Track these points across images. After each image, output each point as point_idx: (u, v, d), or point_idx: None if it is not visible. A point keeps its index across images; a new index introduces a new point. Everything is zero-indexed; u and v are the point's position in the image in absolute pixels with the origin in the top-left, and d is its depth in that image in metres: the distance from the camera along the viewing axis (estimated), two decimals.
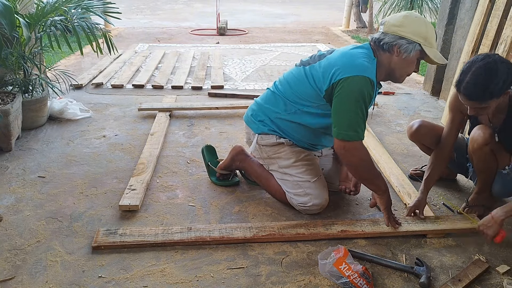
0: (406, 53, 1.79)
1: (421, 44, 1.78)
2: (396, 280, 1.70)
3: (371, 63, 1.83)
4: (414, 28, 1.78)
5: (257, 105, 2.17)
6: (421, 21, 1.79)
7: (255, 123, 2.15)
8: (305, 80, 1.95)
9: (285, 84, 2.06)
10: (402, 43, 1.78)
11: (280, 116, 2.06)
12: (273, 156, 2.14)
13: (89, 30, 2.99)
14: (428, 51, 1.79)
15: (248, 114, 2.21)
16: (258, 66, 5.07)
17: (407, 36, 1.78)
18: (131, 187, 2.25)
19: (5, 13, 2.49)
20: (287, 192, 2.11)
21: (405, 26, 1.78)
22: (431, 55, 1.79)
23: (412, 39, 1.78)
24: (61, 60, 5.02)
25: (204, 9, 10.14)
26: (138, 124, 3.22)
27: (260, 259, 1.80)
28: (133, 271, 1.71)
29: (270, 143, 2.11)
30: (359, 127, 1.81)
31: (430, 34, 1.79)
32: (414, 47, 1.78)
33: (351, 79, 1.78)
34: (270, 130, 2.10)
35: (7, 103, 2.70)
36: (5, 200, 2.18)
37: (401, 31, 1.78)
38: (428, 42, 1.79)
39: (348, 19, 8.05)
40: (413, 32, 1.77)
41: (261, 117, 2.13)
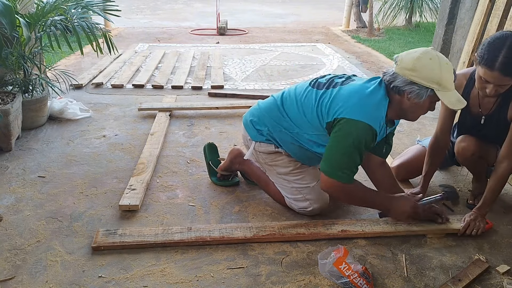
0: (417, 99, 1.69)
1: (434, 90, 1.66)
2: (396, 280, 1.70)
3: (380, 111, 1.76)
4: (427, 73, 1.65)
5: (258, 112, 2.10)
6: (436, 64, 1.64)
7: (253, 130, 2.10)
8: (313, 105, 1.87)
9: (292, 102, 1.96)
10: (413, 89, 1.68)
11: (280, 132, 2.01)
12: (270, 163, 2.12)
13: (89, 30, 2.99)
14: (442, 96, 1.67)
15: (248, 119, 2.15)
16: (258, 66, 5.07)
17: (419, 82, 1.66)
18: (131, 187, 2.25)
19: (5, 12, 2.49)
20: (287, 198, 2.11)
21: (417, 71, 1.65)
22: (445, 101, 1.67)
23: (424, 85, 1.66)
24: (61, 60, 5.02)
25: (204, 9, 10.14)
26: (138, 124, 3.22)
27: (260, 259, 1.80)
28: (133, 271, 1.71)
29: (267, 151, 2.08)
30: (350, 169, 1.78)
31: (445, 77, 1.65)
32: (426, 93, 1.67)
33: (353, 122, 1.72)
34: (268, 140, 2.07)
35: (7, 103, 2.70)
36: (5, 200, 2.18)
37: (412, 76, 1.66)
38: (442, 86, 1.66)
39: (348, 19, 8.05)
40: (425, 78, 1.65)
41: (261, 127, 2.07)
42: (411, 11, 7.73)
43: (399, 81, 1.70)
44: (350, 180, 1.80)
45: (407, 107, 1.76)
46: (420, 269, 1.76)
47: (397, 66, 1.72)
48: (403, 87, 1.70)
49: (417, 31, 7.60)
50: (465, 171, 2.47)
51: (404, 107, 1.77)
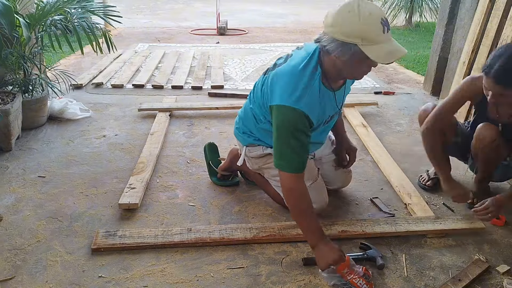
0: (344, 56, 1.54)
1: (357, 45, 1.49)
2: (396, 280, 1.70)
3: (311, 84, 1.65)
4: (345, 27, 1.49)
5: (239, 118, 2.12)
6: (355, 17, 1.47)
7: (240, 135, 2.11)
8: (259, 92, 1.84)
9: (252, 96, 1.97)
10: (336, 47, 1.52)
11: (257, 127, 1.99)
12: (263, 166, 2.10)
13: (90, 30, 2.99)
14: (367, 50, 1.48)
15: (234, 128, 2.16)
16: (258, 66, 5.07)
17: (340, 38, 1.50)
18: (130, 185, 2.25)
19: (5, 13, 2.49)
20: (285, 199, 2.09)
21: (336, 26, 1.50)
22: (371, 55, 1.49)
23: (345, 41, 1.50)
24: (61, 60, 5.02)
25: (204, 9, 10.14)
26: (138, 124, 3.22)
27: (260, 259, 1.80)
28: (133, 271, 1.71)
29: (257, 155, 2.07)
30: (290, 158, 1.67)
31: (368, 29, 1.47)
32: (349, 49, 1.51)
33: (279, 108, 1.65)
34: (256, 140, 2.05)
35: (7, 103, 2.70)
36: (5, 200, 2.18)
37: (334, 32, 1.51)
38: (367, 39, 1.48)
39: None
40: (345, 33, 1.49)
41: (244, 129, 2.08)
42: (411, 11, 7.73)
43: (325, 40, 1.56)
44: (298, 168, 1.68)
45: (340, 66, 1.61)
46: (420, 269, 1.76)
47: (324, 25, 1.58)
48: (327, 46, 1.55)
49: (417, 31, 7.60)
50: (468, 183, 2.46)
51: (337, 67, 1.62)
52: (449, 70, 3.69)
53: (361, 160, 2.69)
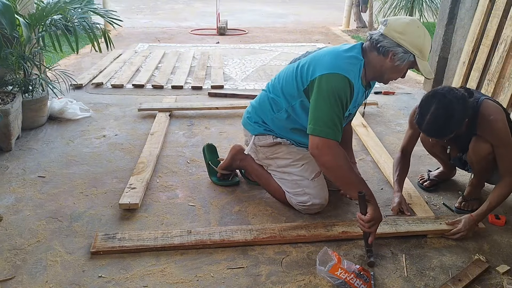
0: (400, 61, 1.77)
1: (415, 56, 1.76)
2: (396, 280, 1.70)
3: (354, 65, 1.82)
4: (413, 38, 1.75)
5: (252, 107, 2.19)
6: (421, 32, 1.76)
7: (251, 125, 2.16)
8: (292, 75, 1.94)
9: (275, 81, 2.07)
10: (398, 51, 1.76)
11: (272, 117, 2.07)
12: (270, 156, 2.13)
13: (90, 30, 2.99)
14: (420, 63, 1.78)
15: (244, 117, 2.23)
16: (258, 66, 5.07)
17: (404, 45, 1.74)
18: (131, 185, 2.24)
19: (5, 12, 2.49)
20: (286, 192, 2.11)
21: (405, 35, 1.74)
22: (421, 68, 1.78)
23: (409, 49, 1.75)
24: (61, 60, 5.02)
25: (204, 9, 10.14)
26: (138, 124, 3.22)
27: (260, 259, 1.80)
28: (133, 271, 1.71)
29: (267, 143, 2.11)
30: (335, 125, 1.78)
31: (426, 47, 1.78)
32: (408, 57, 1.76)
33: (326, 76, 1.78)
34: (266, 130, 2.11)
35: (7, 103, 2.70)
36: (5, 200, 2.18)
37: (400, 39, 1.74)
38: (422, 54, 1.77)
39: (348, 19, 8.05)
40: (411, 43, 1.74)
41: (256, 119, 2.14)
42: (411, 11, 7.72)
43: (387, 41, 1.76)
44: (336, 136, 1.79)
45: (387, 68, 1.82)
46: (420, 269, 1.76)
47: (385, 28, 1.77)
48: (390, 48, 1.76)
49: None
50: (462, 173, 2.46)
51: (384, 68, 1.82)
52: (449, 70, 3.69)
53: (361, 160, 2.69)
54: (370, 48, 1.83)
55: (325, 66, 1.80)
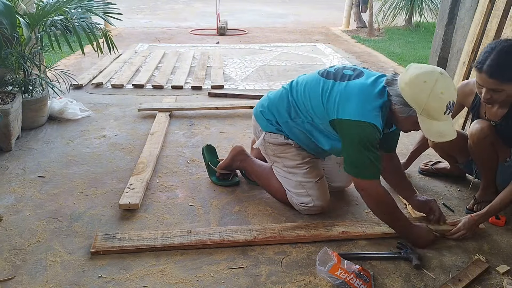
0: (401, 113, 1.71)
1: (416, 112, 1.65)
2: (396, 280, 1.70)
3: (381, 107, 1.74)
4: (414, 94, 1.62)
5: (268, 102, 2.10)
6: (427, 89, 1.59)
7: (263, 120, 2.11)
8: (319, 95, 1.86)
9: (300, 90, 1.96)
10: (400, 102, 1.68)
11: (288, 122, 2.02)
12: (279, 155, 2.12)
13: (89, 30, 2.99)
14: (422, 122, 1.64)
15: (258, 109, 2.15)
16: (258, 66, 5.07)
17: (405, 97, 1.65)
18: (130, 186, 2.24)
19: (5, 13, 2.49)
20: (288, 191, 2.11)
21: (408, 88, 1.63)
22: (423, 127, 1.65)
23: (409, 103, 1.64)
24: (61, 60, 5.02)
25: (204, 9, 10.14)
26: (138, 124, 3.22)
27: (260, 259, 1.80)
28: (133, 271, 1.71)
29: (277, 142, 2.08)
30: (371, 165, 1.75)
31: (432, 106, 1.60)
32: (409, 112, 1.67)
33: (354, 123, 1.72)
34: (278, 130, 2.07)
35: (7, 103, 2.70)
36: (5, 200, 2.18)
37: (403, 90, 1.65)
38: (425, 112, 1.62)
39: (348, 19, 8.05)
40: (411, 98, 1.63)
41: (269, 116, 2.08)
42: (411, 11, 7.73)
43: (393, 89, 1.70)
44: (375, 175, 1.78)
45: (394, 116, 1.77)
46: (420, 269, 1.76)
47: (402, 74, 1.71)
48: (392, 97, 1.71)
49: (417, 31, 7.60)
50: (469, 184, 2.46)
51: (394, 115, 1.77)
52: (449, 70, 3.69)
53: None
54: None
55: (351, 109, 1.73)
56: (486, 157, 2.08)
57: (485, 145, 2.01)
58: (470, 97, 2.11)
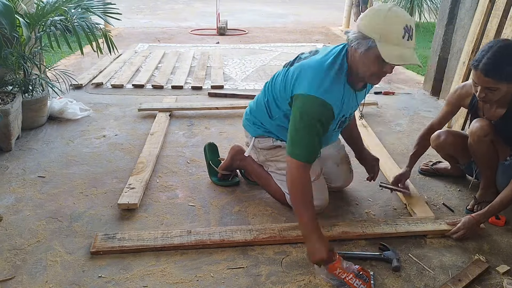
0: (359, 49, 1.60)
1: (375, 40, 1.54)
2: (396, 280, 1.70)
3: (337, 79, 1.70)
4: (369, 22, 1.56)
5: (250, 109, 2.18)
6: (381, 14, 1.54)
7: (250, 126, 2.16)
8: (282, 84, 1.87)
9: (269, 84, 2.02)
10: (357, 38, 1.59)
11: (270, 121, 2.04)
12: (271, 159, 2.13)
13: (89, 30, 2.99)
14: (381, 47, 1.54)
15: (244, 118, 2.22)
16: (258, 66, 5.07)
17: (362, 30, 1.58)
18: (130, 185, 2.24)
19: (5, 13, 2.49)
20: (287, 194, 2.11)
21: (363, 19, 1.59)
22: (383, 53, 1.54)
23: (366, 34, 1.56)
24: (61, 60, 5.02)
25: (204, 9, 10.14)
26: (138, 124, 3.22)
27: (260, 259, 1.80)
28: (133, 271, 1.71)
29: (267, 146, 2.11)
30: (305, 147, 1.70)
31: (391, 29, 1.53)
32: (368, 43, 1.56)
33: (305, 98, 1.68)
34: (266, 132, 2.09)
35: (7, 103, 2.70)
36: (5, 200, 2.18)
37: (359, 25, 1.59)
38: (384, 38, 1.53)
39: (348, 19, 8.04)
40: (367, 27, 1.56)
41: (254, 121, 2.13)
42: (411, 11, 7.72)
43: (351, 32, 1.64)
44: (304, 158, 1.69)
45: (355, 61, 1.66)
46: (420, 269, 1.76)
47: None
48: (350, 36, 1.63)
49: (417, 31, 7.57)
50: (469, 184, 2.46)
51: (354, 62, 1.67)
52: (449, 70, 3.69)
53: None
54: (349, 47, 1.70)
55: (306, 85, 1.70)
56: (486, 156, 2.09)
57: (485, 143, 2.02)
58: (467, 99, 2.13)
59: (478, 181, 2.28)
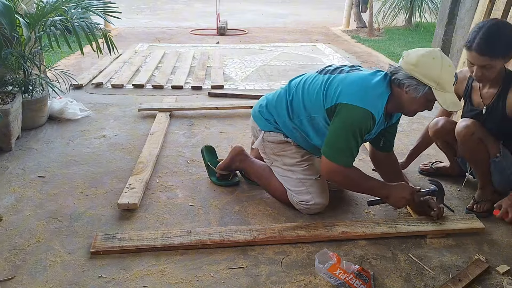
0: (415, 93, 1.77)
1: (432, 88, 1.74)
2: (396, 280, 1.70)
3: (381, 97, 1.84)
4: (427, 70, 1.73)
5: (266, 102, 2.16)
6: (437, 64, 1.73)
7: (262, 119, 2.16)
8: (319, 89, 1.93)
9: (298, 90, 2.02)
10: (412, 83, 1.76)
11: (285, 122, 2.07)
12: (278, 153, 2.14)
13: (89, 30, 2.99)
14: (438, 95, 1.75)
15: (256, 110, 2.21)
16: (258, 66, 5.07)
17: (418, 77, 1.74)
18: (130, 186, 2.24)
19: (5, 13, 2.49)
20: (289, 190, 2.11)
21: (419, 67, 1.74)
22: (440, 100, 1.75)
23: (422, 81, 1.74)
24: (61, 60, 5.02)
25: (204, 9, 10.14)
26: (138, 124, 3.22)
27: (260, 259, 1.80)
28: (133, 271, 1.71)
29: (277, 140, 2.12)
30: (348, 153, 1.85)
31: (444, 78, 1.73)
32: (423, 89, 1.75)
33: (352, 108, 1.80)
34: (277, 129, 2.11)
35: (7, 103, 2.70)
36: (5, 200, 2.18)
37: (413, 71, 1.75)
38: (440, 86, 1.74)
39: (348, 19, 8.05)
40: (425, 75, 1.74)
41: (268, 116, 2.13)
42: (411, 11, 7.73)
43: (401, 74, 1.79)
44: (348, 164, 1.87)
45: (405, 100, 1.83)
46: (420, 269, 1.76)
47: (402, 61, 1.81)
48: (403, 80, 1.78)
49: (417, 31, 7.60)
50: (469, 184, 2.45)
51: (402, 100, 1.84)
52: None
53: (361, 160, 2.69)
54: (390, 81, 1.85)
55: (351, 95, 1.81)
56: (476, 154, 2.09)
57: (473, 142, 2.03)
58: (463, 83, 2.18)
59: (472, 178, 2.29)
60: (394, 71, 1.82)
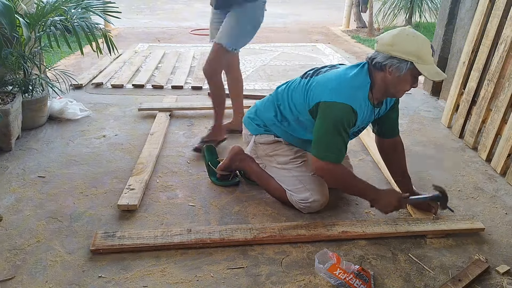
0: (398, 72, 1.78)
1: (413, 62, 1.75)
2: (396, 280, 1.70)
3: (361, 88, 1.86)
4: (405, 47, 1.75)
5: (256, 109, 2.23)
6: (413, 38, 1.76)
7: (252, 125, 2.21)
8: (302, 92, 1.98)
9: (284, 91, 2.10)
10: (393, 63, 1.77)
11: (275, 124, 2.12)
12: (270, 153, 2.17)
13: (89, 30, 2.99)
14: (422, 68, 1.76)
15: (247, 116, 2.27)
16: (258, 66, 5.07)
17: (398, 55, 1.76)
18: (129, 186, 2.24)
19: (5, 13, 2.49)
20: (288, 190, 2.12)
21: (396, 45, 1.76)
22: (425, 73, 1.77)
23: (403, 58, 1.75)
24: (61, 60, 5.02)
25: (204, 9, 10.13)
26: (138, 124, 3.22)
27: (260, 259, 1.80)
28: (133, 271, 1.71)
29: (268, 141, 2.16)
30: (335, 150, 1.87)
31: (424, 51, 1.75)
32: (406, 66, 1.76)
33: (331, 104, 1.83)
34: (267, 130, 2.17)
35: (7, 103, 2.70)
36: (5, 200, 2.18)
37: (392, 50, 1.77)
38: (421, 59, 1.75)
39: (348, 19, 8.05)
40: (404, 51, 1.75)
41: (258, 122, 2.19)
42: (411, 11, 7.73)
43: (380, 57, 1.80)
44: (336, 160, 1.88)
45: (390, 81, 1.83)
46: (420, 269, 1.76)
47: (377, 45, 1.83)
48: (384, 62, 1.80)
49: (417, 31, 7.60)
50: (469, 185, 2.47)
51: (387, 82, 1.84)
52: (449, 70, 3.69)
53: (361, 160, 2.69)
54: (371, 67, 1.87)
55: (329, 93, 1.84)
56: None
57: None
58: None
59: None
60: (373, 57, 1.83)
